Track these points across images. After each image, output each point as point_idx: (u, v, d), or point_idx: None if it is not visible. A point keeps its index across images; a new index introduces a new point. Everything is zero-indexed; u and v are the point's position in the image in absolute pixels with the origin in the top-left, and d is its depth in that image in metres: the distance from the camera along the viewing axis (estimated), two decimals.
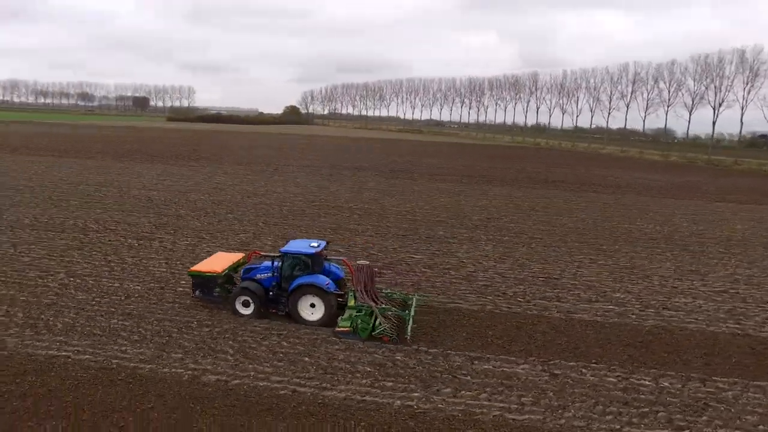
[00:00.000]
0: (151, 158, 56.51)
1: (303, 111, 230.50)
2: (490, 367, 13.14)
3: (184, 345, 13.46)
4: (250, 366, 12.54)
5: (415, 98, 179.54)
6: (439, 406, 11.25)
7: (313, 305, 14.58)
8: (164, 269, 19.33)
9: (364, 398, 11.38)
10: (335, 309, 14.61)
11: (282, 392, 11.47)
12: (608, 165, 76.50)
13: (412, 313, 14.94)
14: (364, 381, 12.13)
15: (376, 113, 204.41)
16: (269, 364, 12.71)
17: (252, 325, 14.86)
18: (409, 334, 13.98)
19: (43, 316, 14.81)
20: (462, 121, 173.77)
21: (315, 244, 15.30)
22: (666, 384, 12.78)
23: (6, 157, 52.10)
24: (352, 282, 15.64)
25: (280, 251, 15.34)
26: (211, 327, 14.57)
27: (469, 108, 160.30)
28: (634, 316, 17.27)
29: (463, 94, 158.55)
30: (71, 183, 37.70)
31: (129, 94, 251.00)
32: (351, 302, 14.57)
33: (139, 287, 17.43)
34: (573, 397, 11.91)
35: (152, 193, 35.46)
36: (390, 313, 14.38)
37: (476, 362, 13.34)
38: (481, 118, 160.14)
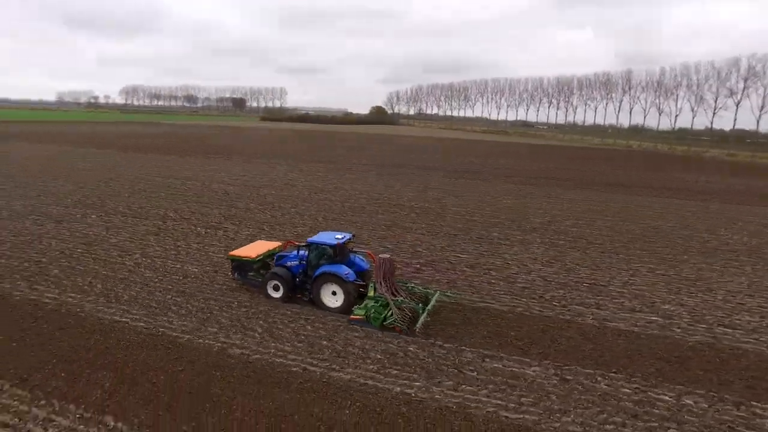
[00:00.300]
0: (239, 155, 61.22)
1: (389, 111, 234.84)
2: (500, 366, 13.21)
3: (221, 321, 15.03)
4: (273, 344, 13.75)
5: (500, 98, 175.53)
6: (437, 396, 11.63)
7: (334, 293, 15.57)
8: (221, 255, 21.33)
9: (366, 382, 12.08)
10: (354, 297, 15.45)
11: (294, 369, 12.52)
12: (706, 169, 69.91)
13: (429, 307, 15.34)
14: (371, 367, 12.82)
15: (461, 114, 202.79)
16: (290, 344, 13.84)
17: (285, 308, 16.13)
18: (418, 326, 14.42)
19: (115, 289, 17.24)
20: (552, 122, 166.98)
21: (340, 236, 16.26)
22: (689, 402, 12.04)
23: (120, 154, 59.34)
24: (373, 273, 16.36)
25: (307, 241, 16.49)
26: (248, 308, 16.06)
27: (557, 108, 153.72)
28: (678, 330, 16.19)
29: (551, 93, 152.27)
30: (163, 177, 42.23)
31: (227, 95, 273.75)
32: (371, 293, 15.31)
33: (197, 270, 19.50)
34: (578, 403, 11.69)
35: (230, 187, 38.69)
36: (405, 305, 14.89)
37: (487, 360, 13.47)
38: (570, 119, 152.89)
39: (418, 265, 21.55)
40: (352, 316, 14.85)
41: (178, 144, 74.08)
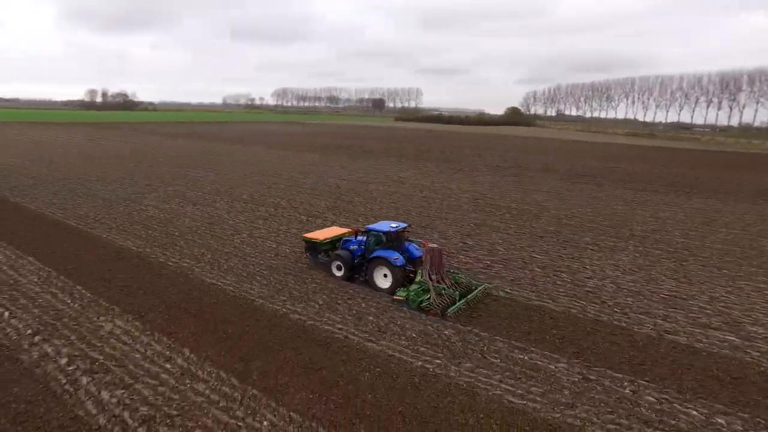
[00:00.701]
0: (361, 153, 65.74)
1: (525, 112, 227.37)
2: (525, 357, 13.70)
3: (292, 293, 17.68)
4: (327, 315, 15.95)
5: (648, 98, 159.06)
6: (451, 374, 12.70)
7: (385, 275, 17.29)
8: None
9: (393, 354, 13.60)
10: (402, 281, 17.01)
11: (337, 336, 14.53)
12: None
13: (470, 297, 16.20)
14: (403, 342, 14.29)
15: (604, 115, 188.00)
16: (341, 316, 15.90)
17: (349, 287, 18.27)
18: (450, 311, 15.42)
19: (219, 259, 21.05)
20: (715, 123, 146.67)
21: (394, 225, 17.96)
22: (720, 420, 11.37)
23: (263, 151, 67.71)
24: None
25: (365, 228, 18.41)
26: (317, 285, 18.52)
27: (718, 108, 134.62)
28: (756, 354, 14.72)
29: (711, 92, 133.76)
30: (288, 170, 47.65)
31: (367, 96, 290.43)
32: (418, 278, 16.71)
33: (288, 250, 22.66)
34: (589, 401, 11.82)
35: (342, 182, 42.39)
36: (444, 292, 15.99)
37: (515, 351, 14.03)
38: (734, 120, 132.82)
39: (488, 262, 22.18)
40: (394, 297, 16.47)
41: (312, 141, 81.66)
